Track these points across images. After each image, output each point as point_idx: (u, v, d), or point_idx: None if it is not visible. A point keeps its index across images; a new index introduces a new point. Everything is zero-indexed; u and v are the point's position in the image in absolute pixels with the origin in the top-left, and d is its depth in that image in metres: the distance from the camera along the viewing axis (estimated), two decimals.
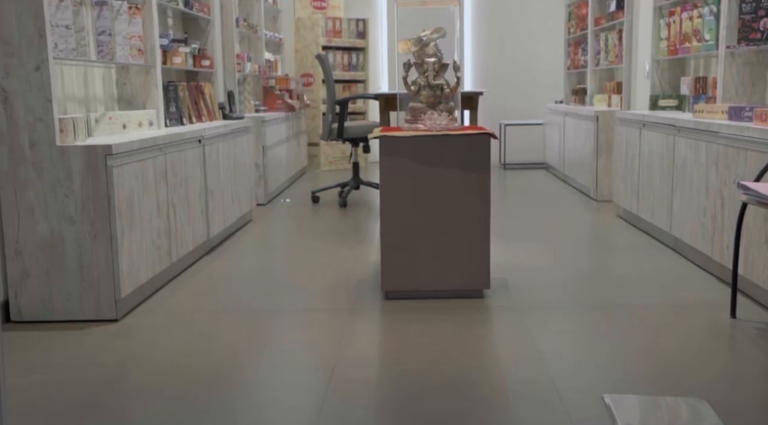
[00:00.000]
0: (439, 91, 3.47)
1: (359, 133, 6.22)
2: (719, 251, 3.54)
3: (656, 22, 5.22)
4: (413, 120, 3.46)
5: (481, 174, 3.29)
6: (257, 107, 6.88)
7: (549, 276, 3.80)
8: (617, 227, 5.08)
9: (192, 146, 4.07)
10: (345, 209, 6.05)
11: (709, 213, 3.67)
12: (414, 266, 3.35)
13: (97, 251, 3.07)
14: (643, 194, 4.72)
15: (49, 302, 3.11)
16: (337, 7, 9.16)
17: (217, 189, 4.53)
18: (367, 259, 4.25)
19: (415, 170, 3.29)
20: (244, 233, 5.08)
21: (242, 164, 5.17)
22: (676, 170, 4.14)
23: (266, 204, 6.25)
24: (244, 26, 6.62)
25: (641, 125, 4.75)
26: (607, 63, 6.71)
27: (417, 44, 3.66)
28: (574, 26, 8.01)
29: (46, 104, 3.01)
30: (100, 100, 3.98)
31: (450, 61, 3.53)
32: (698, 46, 4.55)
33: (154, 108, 4.19)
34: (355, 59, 9.10)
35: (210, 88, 5.29)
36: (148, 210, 3.42)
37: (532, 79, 9.27)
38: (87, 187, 3.04)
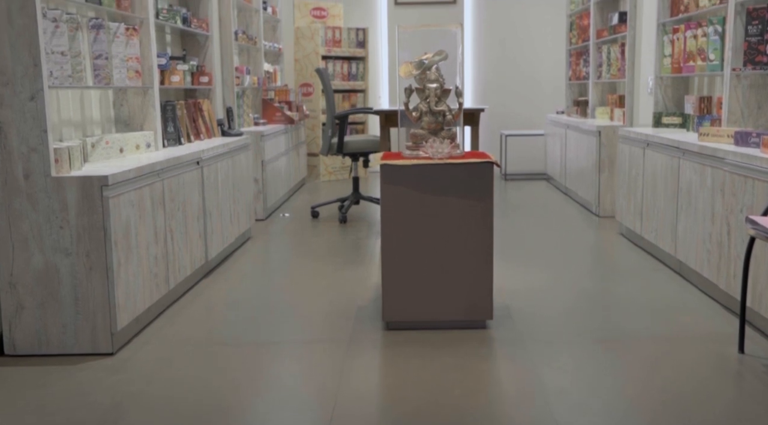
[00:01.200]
0: (441, 117, 3.41)
1: (359, 148, 6.16)
2: (725, 279, 3.48)
3: (660, 39, 5.17)
4: (414, 147, 3.40)
5: (484, 203, 3.23)
6: (256, 120, 6.83)
7: (552, 302, 3.74)
8: (620, 246, 5.02)
9: (190, 169, 4.01)
10: (345, 224, 5.99)
11: (714, 240, 3.61)
12: (415, 296, 3.29)
13: (92, 283, 3.01)
14: (647, 214, 4.67)
15: (44, 335, 3.05)
16: (337, 16, 9.10)
17: (216, 210, 4.47)
18: (367, 281, 4.19)
19: (417, 198, 3.24)
20: (243, 252, 5.02)
21: (241, 181, 5.12)
22: (680, 192, 4.08)
23: (265, 219, 6.19)
24: (243, 39, 6.56)
25: (645, 145, 4.70)
26: (609, 76, 6.65)
27: (419, 68, 3.61)
28: (575, 37, 7.95)
29: (41, 134, 2.95)
30: (96, 123, 3.92)
31: (452, 86, 3.47)
32: (703, 65, 4.50)
33: (151, 129, 4.13)
34: (355, 69, 9.04)
35: (208, 105, 5.23)
36: (145, 238, 3.36)
37: (533, 88, 9.22)
38: (82, 218, 2.98)
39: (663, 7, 5.13)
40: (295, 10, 8.97)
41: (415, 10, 9.24)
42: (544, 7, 9.07)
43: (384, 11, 9.31)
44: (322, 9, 9.02)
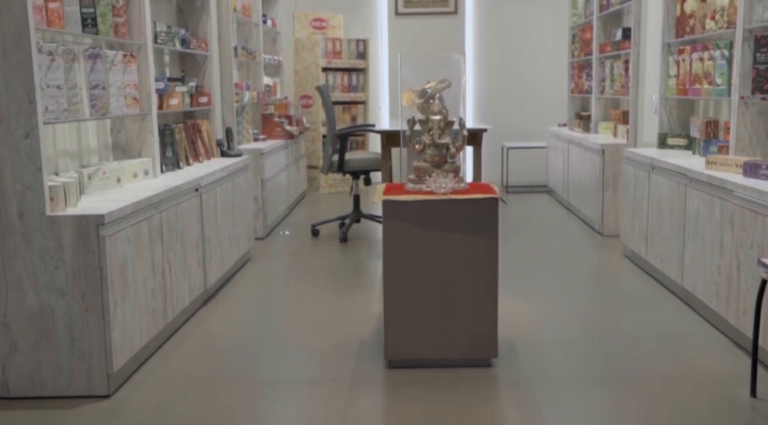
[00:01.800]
0: (445, 150, 3.34)
1: (360, 166, 6.09)
2: (735, 314, 3.42)
3: (665, 59, 5.10)
4: (417, 180, 3.33)
5: (489, 239, 3.17)
6: (256, 136, 6.76)
7: (557, 335, 3.67)
8: (625, 270, 4.95)
9: (188, 197, 3.94)
10: (345, 244, 5.93)
11: (723, 273, 3.54)
12: (418, 334, 3.22)
13: (88, 324, 2.94)
14: (652, 239, 4.60)
15: (38, 377, 2.98)
16: (337, 26, 9.04)
17: (215, 236, 4.40)
18: (368, 310, 4.12)
19: (420, 234, 3.17)
20: (243, 276, 4.95)
21: (240, 203, 5.05)
22: (687, 221, 4.01)
23: (265, 238, 6.12)
24: (242, 55, 6.49)
25: (650, 168, 4.63)
26: (613, 92, 6.58)
27: (422, 97, 3.54)
28: (578, 49, 7.88)
29: (35, 173, 2.88)
30: (93, 152, 3.85)
31: (455, 117, 3.40)
32: (709, 89, 4.43)
33: (149, 156, 4.07)
34: (355, 80, 8.97)
35: (207, 126, 5.17)
36: (143, 273, 3.29)
37: (534, 99, 9.15)
38: (78, 258, 2.91)
39: (668, 26, 5.06)
40: (295, 22, 8.90)
41: (415, 20, 9.18)
42: (545, 17, 9.01)
43: (384, 22, 9.24)
44: (322, 20, 8.95)
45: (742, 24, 3.86)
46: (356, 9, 9.23)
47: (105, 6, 3.62)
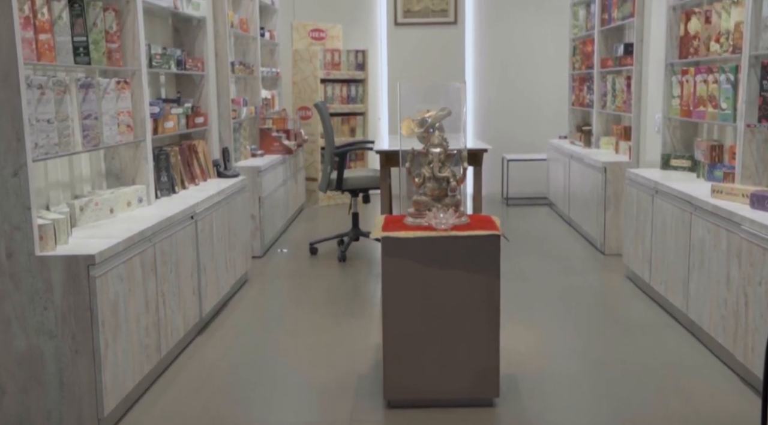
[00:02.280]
0: (445, 183, 3.26)
1: (359, 184, 6.01)
2: (743, 351, 3.34)
3: (668, 79, 5.02)
4: (417, 214, 3.25)
5: (490, 276, 3.09)
6: (253, 152, 6.68)
7: (560, 370, 3.59)
8: (628, 294, 4.87)
9: (183, 225, 3.86)
10: (344, 263, 5.85)
11: (730, 307, 3.46)
12: (418, 373, 3.14)
13: (78, 367, 2.86)
14: (656, 264, 4.52)
15: (27, 421, 2.90)
16: (336, 37, 8.96)
17: (211, 262, 4.32)
18: (367, 340, 4.04)
19: (420, 271, 3.09)
20: (239, 300, 4.87)
21: (237, 225, 4.96)
22: (692, 249, 3.93)
23: (262, 256, 6.04)
24: (239, 70, 6.41)
25: (654, 192, 4.55)
26: (615, 108, 6.50)
27: (421, 126, 3.47)
28: (579, 62, 7.80)
29: (24, 212, 2.80)
30: (86, 180, 3.77)
31: (455, 150, 3.32)
32: (714, 112, 4.35)
33: (143, 183, 3.99)
34: (354, 91, 8.89)
35: (204, 146, 5.09)
36: (135, 310, 3.21)
37: (534, 111, 9.07)
38: (68, 299, 2.83)
39: (671, 46, 4.98)
40: (294, 33, 8.82)
41: (415, 30, 9.10)
42: (546, 28, 8.93)
43: (384, 31, 9.16)
44: (321, 30, 8.87)
45: (749, 50, 3.79)
46: (355, 19, 9.15)
47: (98, 33, 3.54)
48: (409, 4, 9.09)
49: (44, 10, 3.06)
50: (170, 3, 4.44)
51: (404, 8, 9.09)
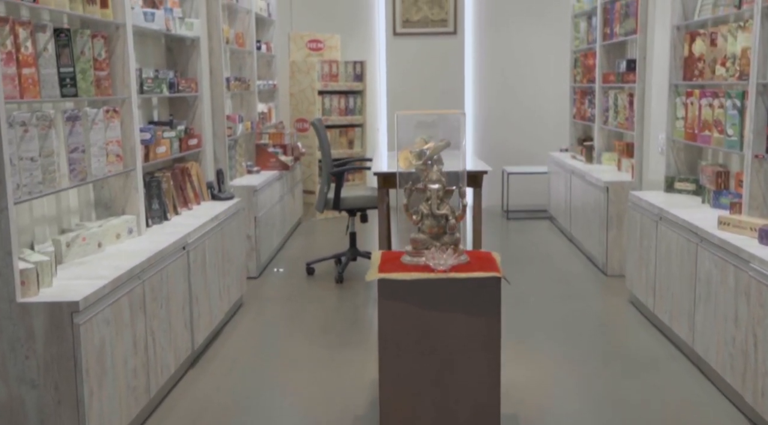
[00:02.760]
0: (444, 220, 3.15)
1: (356, 204, 5.90)
2: (752, 393, 3.22)
3: (672, 100, 4.91)
4: (415, 253, 3.14)
5: (490, 319, 2.98)
6: (249, 168, 6.56)
7: (563, 409, 3.49)
8: (632, 322, 4.76)
9: (175, 257, 3.75)
10: (341, 285, 5.73)
11: (738, 346, 3.35)
12: (416, 419, 3.03)
13: (61, 418, 2.75)
14: (660, 292, 4.41)
15: None
16: (334, 47, 8.84)
17: (203, 292, 4.21)
18: (364, 375, 3.93)
19: (417, 314, 2.98)
20: (233, 328, 4.75)
21: (232, 250, 4.85)
22: (698, 282, 3.82)
23: (258, 277, 5.93)
24: (235, 86, 6.29)
25: (658, 218, 4.44)
26: (617, 124, 6.39)
27: (419, 158, 3.36)
28: (580, 74, 7.69)
29: (5, 257, 2.69)
30: (74, 212, 3.66)
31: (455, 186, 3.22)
32: (720, 138, 4.24)
33: (134, 213, 3.88)
34: (353, 103, 8.78)
35: (197, 168, 4.98)
36: (123, 353, 3.10)
37: (535, 122, 8.97)
38: (51, 347, 2.72)
39: (675, 66, 4.87)
40: (291, 43, 8.71)
41: (414, 40, 8.99)
42: (547, 38, 8.82)
43: (382, 42, 9.05)
44: (319, 41, 8.76)
45: (756, 77, 3.68)
46: (353, 29, 9.04)
47: (86, 62, 3.42)
48: (408, 13, 8.98)
49: (28, 44, 2.95)
50: (162, 26, 4.33)
51: (403, 18, 8.98)
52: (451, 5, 8.93)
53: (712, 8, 4.44)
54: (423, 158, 3.34)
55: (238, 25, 6.79)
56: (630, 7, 5.94)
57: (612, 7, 6.45)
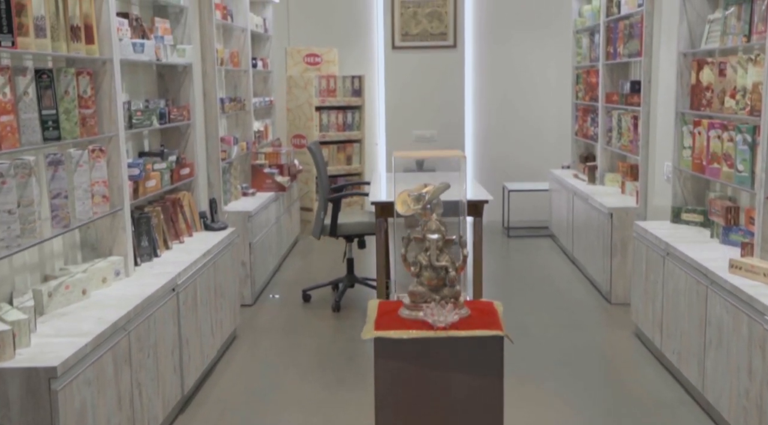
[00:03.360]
0: (444, 272, 3.00)
1: (354, 230, 5.75)
2: None
3: (678, 128, 4.76)
4: (413, 306, 2.99)
5: (492, 381, 2.83)
6: (245, 191, 6.41)
7: None
8: (637, 358, 4.62)
9: (164, 301, 3.61)
10: (338, 313, 5.59)
11: (752, 399, 3.20)
12: None
13: None
14: (668, 330, 4.26)
15: None
16: (332, 61, 8.68)
17: (195, 333, 4.06)
18: (361, 419, 3.78)
19: (416, 373, 2.83)
20: (225, 366, 4.61)
21: (225, 284, 4.70)
22: (709, 326, 3.67)
23: (253, 305, 5.78)
24: (230, 107, 6.15)
25: (665, 253, 4.29)
26: (620, 146, 6.24)
27: (418, 202, 3.21)
28: (582, 91, 7.54)
29: None
30: (58, 255, 3.51)
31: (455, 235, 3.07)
32: (729, 173, 4.09)
33: (121, 254, 3.73)
34: (351, 118, 8.63)
35: (189, 198, 4.83)
36: (106, 412, 2.95)
37: (536, 137, 8.82)
38: (27, 415, 2.58)
39: (681, 94, 4.73)
40: (288, 58, 8.56)
41: (413, 54, 8.85)
42: (548, 52, 8.68)
43: (381, 55, 8.90)
44: (316, 55, 8.61)
45: None
46: (352, 43, 8.89)
47: (70, 102, 3.28)
48: (407, 27, 8.83)
49: (6, 90, 2.80)
50: (152, 56, 4.18)
51: (402, 31, 8.83)
52: (450, 18, 8.78)
53: (720, 37, 4.30)
54: (422, 202, 3.19)
55: (233, 44, 6.64)
56: (634, 28, 5.79)
57: (615, 26, 6.30)
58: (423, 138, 8.91)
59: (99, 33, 3.53)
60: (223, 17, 6.07)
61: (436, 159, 3.55)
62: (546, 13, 8.63)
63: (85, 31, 3.40)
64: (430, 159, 8.21)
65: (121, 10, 4.22)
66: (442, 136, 8.87)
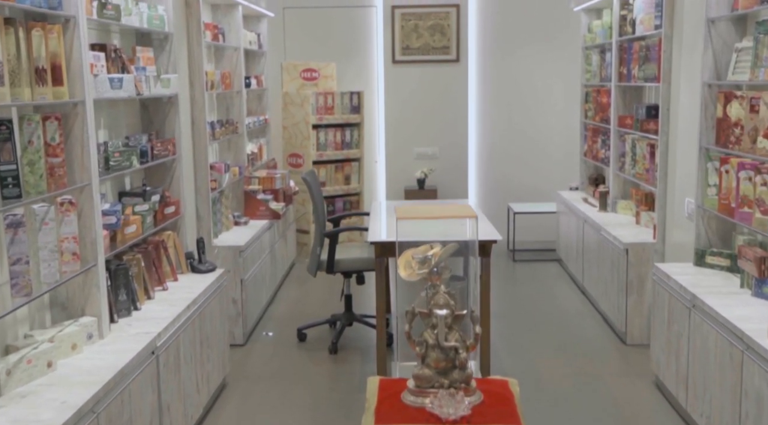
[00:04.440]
0: (453, 353, 2.65)
1: (352, 267, 5.40)
2: None
3: (702, 164, 4.41)
4: (419, 391, 2.64)
5: None
6: (237, 220, 6.06)
7: None
8: (659, 415, 4.27)
9: (142, 367, 3.25)
10: (335, 355, 5.24)
11: None
12: None
13: None
14: (695, 391, 3.91)
15: None
16: (330, 76, 8.31)
17: (177, 396, 3.71)
18: None
19: None
20: (214, 420, 4.26)
21: (213, 332, 4.36)
22: (745, 395, 3.32)
23: (244, 345, 5.43)
24: (221, 133, 5.79)
25: (691, 305, 3.94)
26: (635, 174, 5.89)
27: (423, 264, 2.87)
28: (591, 110, 7.19)
29: None
30: (23, 319, 3.16)
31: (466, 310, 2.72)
32: (763, 220, 3.75)
33: (95, 314, 3.38)
34: (349, 136, 8.28)
35: (175, 239, 4.48)
36: None
37: (541, 155, 8.48)
38: None
39: (706, 127, 4.38)
40: (284, 73, 8.20)
41: (415, 68, 8.50)
42: (555, 66, 8.33)
43: (381, 70, 8.55)
44: (313, 70, 8.24)
45: None
46: (350, 57, 8.54)
47: (34, 153, 2.94)
48: (408, 40, 8.48)
49: None
50: (132, 91, 3.82)
51: (403, 45, 8.48)
52: (453, 31, 8.43)
53: (751, 69, 3.95)
54: (427, 265, 2.85)
55: (225, 64, 6.29)
56: (651, 51, 5.44)
57: (629, 46, 5.95)
58: (424, 156, 8.57)
59: (69, 72, 3.18)
60: (213, 38, 5.72)
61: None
62: (552, 27, 8.29)
63: (53, 72, 3.05)
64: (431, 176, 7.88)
65: (100, 40, 3.88)
66: (444, 154, 8.53)
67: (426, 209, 3.23)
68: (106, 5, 3.60)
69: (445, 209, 3.22)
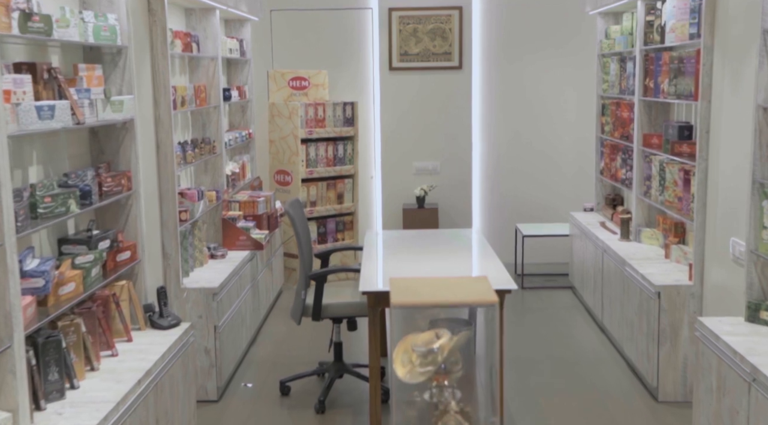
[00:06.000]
0: None
1: (342, 313, 4.69)
2: None
3: (756, 201, 3.71)
4: None
5: None
6: (213, 252, 5.35)
7: None
8: None
9: None
10: (323, 416, 4.54)
11: None
12: None
13: None
14: None
15: None
16: (321, 85, 7.59)
17: None
18: None
19: None
20: None
21: (175, 405, 3.65)
22: None
23: (219, 401, 4.72)
24: (193, 156, 5.08)
25: (751, 379, 3.24)
26: (664, 201, 5.18)
27: (426, 360, 2.19)
28: (610, 126, 6.48)
29: None
30: None
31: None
32: None
33: (10, 409, 2.67)
34: (342, 151, 7.56)
35: (131, 289, 3.78)
36: None
37: (551, 171, 7.81)
38: None
39: (761, 157, 3.68)
40: (271, 82, 7.48)
41: (414, 76, 7.81)
42: (567, 73, 7.66)
43: (377, 78, 7.84)
44: (303, 79, 7.51)
45: None
46: (343, 64, 7.84)
47: None
48: (406, 45, 7.78)
49: None
50: (67, 120, 3.10)
51: (400, 50, 7.78)
52: (456, 36, 7.74)
53: None
54: (432, 361, 2.17)
55: (200, 76, 5.59)
56: (686, 64, 4.73)
57: (657, 56, 5.24)
58: (424, 171, 7.88)
59: None
60: (185, 48, 5.01)
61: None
62: (563, 31, 7.60)
63: None
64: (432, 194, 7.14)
65: (30, 58, 3.17)
66: (446, 169, 7.85)
67: (429, 283, 2.52)
68: (31, 16, 2.89)
69: (454, 284, 2.51)
